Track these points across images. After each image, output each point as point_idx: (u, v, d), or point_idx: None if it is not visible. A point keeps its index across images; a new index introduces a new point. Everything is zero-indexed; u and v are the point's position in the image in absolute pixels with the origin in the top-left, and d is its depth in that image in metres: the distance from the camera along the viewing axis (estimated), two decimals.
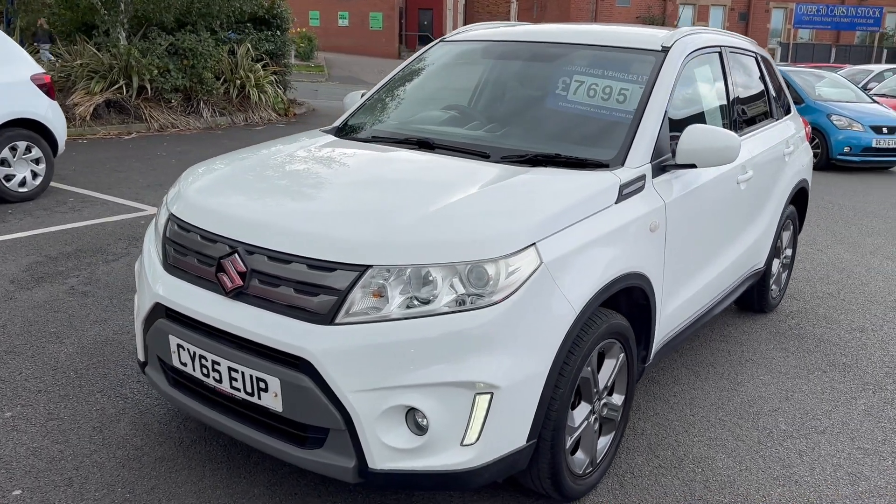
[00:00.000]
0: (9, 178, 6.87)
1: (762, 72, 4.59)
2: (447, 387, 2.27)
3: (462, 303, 2.30)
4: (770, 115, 4.58)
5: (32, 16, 16.20)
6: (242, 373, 2.43)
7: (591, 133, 3.27)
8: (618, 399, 2.97)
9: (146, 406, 3.36)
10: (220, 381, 2.51)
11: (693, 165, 3.13)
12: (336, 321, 2.30)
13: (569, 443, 2.67)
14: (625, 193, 2.84)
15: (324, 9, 41.80)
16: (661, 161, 3.11)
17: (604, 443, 2.93)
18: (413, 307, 2.30)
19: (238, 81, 13.72)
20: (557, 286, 2.42)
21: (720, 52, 3.93)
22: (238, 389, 2.47)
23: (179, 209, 2.80)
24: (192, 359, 2.58)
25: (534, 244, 2.39)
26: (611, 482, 2.96)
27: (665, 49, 3.42)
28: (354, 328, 2.28)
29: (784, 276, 5.08)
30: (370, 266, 2.30)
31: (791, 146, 4.65)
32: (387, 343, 2.26)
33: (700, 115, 3.65)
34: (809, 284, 5.63)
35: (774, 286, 4.87)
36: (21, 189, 6.97)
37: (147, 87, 12.20)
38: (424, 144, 3.26)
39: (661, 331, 3.23)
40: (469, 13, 50.19)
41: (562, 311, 2.44)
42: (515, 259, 2.34)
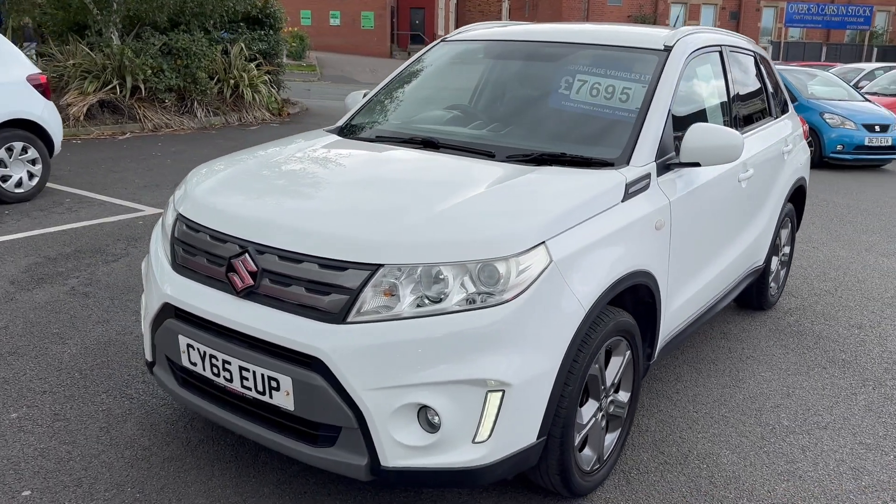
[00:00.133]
0: (5, 179, 6.85)
1: (760, 71, 4.62)
2: (459, 385, 2.28)
3: (473, 301, 2.31)
4: (769, 114, 4.61)
5: (23, 15, 16.11)
6: (254, 372, 2.44)
7: (595, 132, 3.29)
8: (624, 396, 2.99)
9: (152, 406, 3.37)
10: (231, 381, 2.52)
11: (697, 164, 3.15)
12: (348, 320, 2.31)
13: (577, 439, 2.69)
14: (631, 192, 2.86)
15: (315, 8, 41.76)
16: (666, 160, 3.13)
17: (610, 439, 2.95)
18: (424, 306, 2.31)
19: (232, 81, 13.69)
20: (567, 284, 2.44)
21: (720, 52, 3.96)
22: (249, 388, 2.48)
23: (187, 209, 2.80)
24: (203, 358, 2.58)
25: (543, 243, 2.41)
26: (617, 478, 2.99)
27: (668, 48, 3.45)
28: (366, 327, 2.30)
29: (782, 274, 5.12)
30: (382, 265, 2.31)
31: (789, 144, 4.69)
32: (399, 342, 2.28)
33: (702, 114, 3.68)
34: (807, 282, 5.68)
35: (773, 283, 4.91)
36: (17, 190, 6.95)
37: (141, 87, 12.16)
38: (429, 144, 3.27)
39: (666, 328, 3.25)
40: (461, 12, 50.20)
41: (571, 309, 2.46)
42: (526, 257, 2.35)
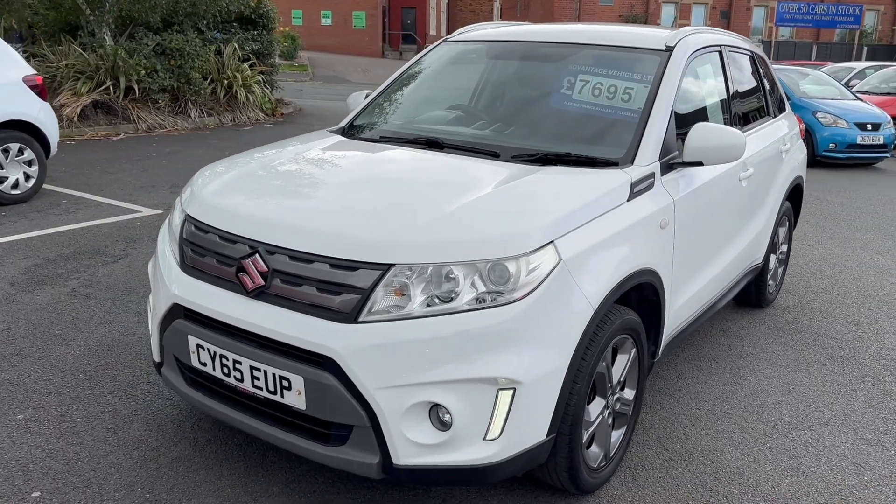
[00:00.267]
0: (2, 181, 6.81)
1: (758, 70, 4.66)
2: (470, 383, 2.30)
3: (483, 300, 2.33)
4: (767, 113, 4.65)
5: (14, 15, 16.02)
6: (265, 371, 2.45)
7: (599, 132, 3.31)
8: (629, 394, 3.02)
9: (158, 407, 3.37)
10: (242, 381, 2.53)
11: (700, 163, 3.17)
12: (359, 320, 2.32)
13: (585, 437, 2.71)
14: (636, 191, 2.89)
15: (306, 8, 41.71)
16: (669, 159, 3.16)
17: (616, 436, 2.98)
18: (435, 305, 2.33)
19: (225, 81, 13.65)
20: (576, 283, 2.46)
21: (720, 51, 3.99)
22: (260, 388, 2.49)
23: (196, 210, 2.81)
24: (213, 358, 2.59)
25: (552, 242, 2.43)
26: (624, 475, 3.01)
27: (669, 49, 3.47)
28: (378, 326, 2.31)
29: (780, 272, 5.17)
30: (393, 265, 2.33)
31: (787, 143, 4.73)
32: (410, 341, 2.29)
33: (703, 114, 3.71)
34: (803, 279, 5.72)
35: (771, 281, 4.95)
36: (14, 191, 6.92)
37: (134, 88, 12.12)
38: (434, 144, 3.29)
39: (670, 326, 3.28)
40: (452, 12, 50.21)
41: (580, 308, 2.48)
42: (535, 257, 2.38)
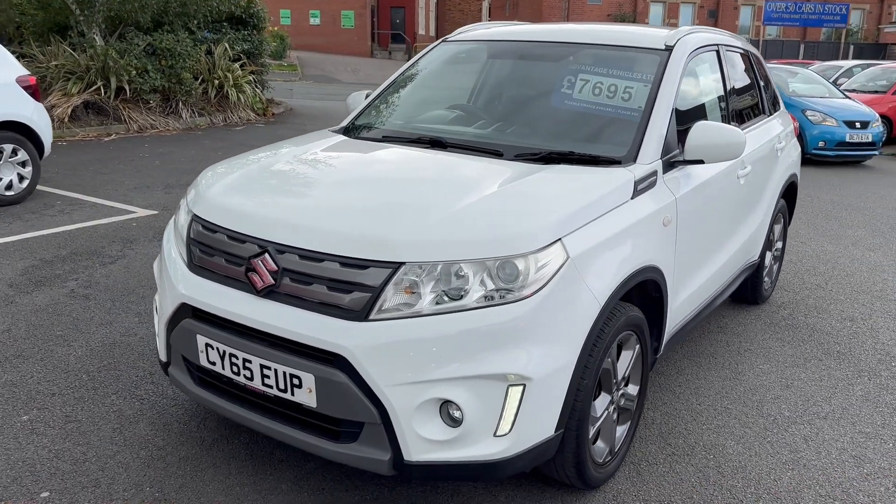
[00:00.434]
0: None
1: (754, 69, 4.71)
2: (480, 379, 2.33)
3: (492, 298, 2.35)
4: (762, 112, 4.70)
5: (1, 16, 15.89)
6: (275, 370, 2.47)
7: (601, 130, 3.35)
8: (633, 389, 3.05)
9: (163, 407, 3.38)
10: (252, 379, 2.55)
11: (701, 161, 3.21)
12: (370, 318, 2.34)
13: (591, 432, 2.74)
14: (639, 189, 2.92)
15: (295, 7, 41.57)
16: (670, 157, 3.19)
17: (621, 432, 3.01)
18: (444, 303, 2.35)
19: (216, 81, 13.63)
20: (583, 280, 2.49)
21: (717, 50, 4.03)
22: (270, 386, 2.51)
23: (203, 210, 2.82)
24: (222, 357, 2.60)
25: (560, 239, 2.46)
26: (628, 470, 3.05)
27: (669, 48, 3.51)
28: (388, 324, 2.33)
29: (775, 269, 5.22)
30: (403, 263, 2.35)
31: (782, 141, 4.79)
32: (421, 338, 2.32)
33: (702, 113, 3.75)
34: (797, 276, 5.78)
35: (767, 278, 5.01)
36: (7, 193, 6.89)
37: (125, 88, 12.08)
38: (437, 143, 3.31)
39: (672, 322, 3.32)
40: (441, 11, 50.23)
41: (588, 305, 2.51)
42: (544, 254, 2.40)
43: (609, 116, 3.36)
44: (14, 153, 6.92)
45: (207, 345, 2.64)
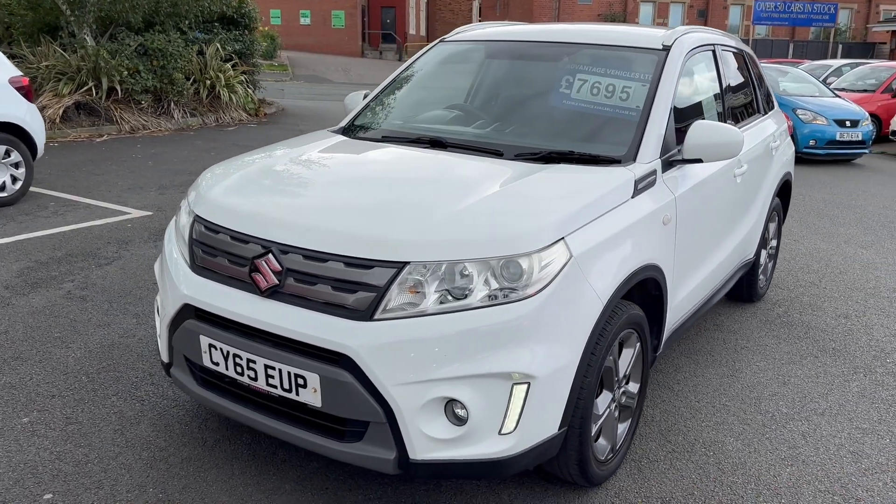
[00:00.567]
0: None
1: (749, 69, 4.74)
2: (485, 378, 2.34)
3: (496, 297, 2.37)
4: (757, 111, 4.74)
5: None
6: (279, 370, 2.47)
7: (600, 130, 3.36)
8: (634, 387, 3.07)
9: (164, 408, 3.37)
10: (256, 379, 2.55)
11: (699, 160, 3.23)
12: (375, 317, 2.35)
13: (594, 430, 2.76)
14: (639, 188, 2.94)
15: (285, 7, 41.52)
16: (669, 156, 3.22)
17: (622, 429, 3.03)
18: (449, 302, 2.36)
19: (208, 82, 13.58)
20: (586, 279, 2.51)
21: (714, 50, 4.06)
22: (275, 386, 2.51)
23: (205, 211, 2.82)
24: (225, 358, 2.61)
25: (563, 238, 2.47)
26: (629, 468, 3.07)
27: (666, 48, 3.53)
28: (393, 324, 2.34)
29: (770, 266, 5.26)
30: (408, 263, 2.36)
31: (777, 140, 4.82)
32: (426, 338, 2.33)
33: (699, 112, 3.77)
34: (791, 274, 5.83)
35: (762, 276, 5.04)
36: (1, 194, 6.86)
37: (117, 89, 12.02)
38: (437, 143, 3.32)
39: (671, 320, 3.34)
40: (431, 11, 50.23)
41: (591, 303, 2.53)
42: (547, 253, 2.42)
43: (608, 116, 3.38)
44: (7, 154, 6.89)
45: (211, 345, 2.64)
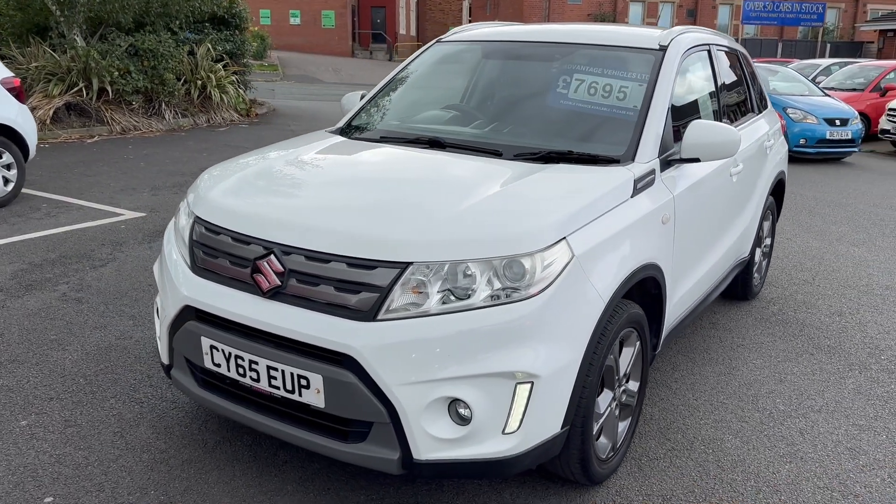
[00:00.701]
0: None
1: (743, 68, 4.77)
2: (489, 378, 2.34)
3: (498, 297, 2.37)
4: (752, 110, 4.76)
5: None
6: (282, 371, 2.47)
7: (598, 130, 3.38)
8: (634, 385, 3.09)
9: (163, 409, 3.36)
10: (258, 381, 2.55)
11: (697, 159, 3.25)
12: (378, 318, 2.35)
13: (595, 428, 2.77)
14: (639, 188, 2.95)
15: (275, 7, 41.41)
16: (667, 156, 3.23)
17: (623, 428, 3.04)
18: (452, 302, 2.36)
19: (199, 82, 13.54)
20: (588, 278, 2.52)
21: (709, 50, 4.08)
22: (277, 388, 2.51)
23: (205, 212, 2.81)
24: (227, 359, 2.60)
25: (564, 238, 2.48)
26: (630, 466, 3.08)
27: (663, 48, 3.55)
28: (397, 324, 2.34)
29: (764, 265, 5.29)
30: (411, 263, 2.36)
31: (771, 139, 4.85)
32: (429, 338, 2.33)
33: (695, 111, 3.79)
34: (785, 272, 5.86)
35: (757, 274, 5.07)
36: None
37: (107, 90, 11.96)
38: (435, 143, 3.33)
39: (669, 318, 3.36)
40: (422, 11, 50.19)
41: (592, 302, 2.54)
42: (550, 253, 2.43)
43: (606, 116, 3.39)
44: None
45: (212, 347, 2.63)
